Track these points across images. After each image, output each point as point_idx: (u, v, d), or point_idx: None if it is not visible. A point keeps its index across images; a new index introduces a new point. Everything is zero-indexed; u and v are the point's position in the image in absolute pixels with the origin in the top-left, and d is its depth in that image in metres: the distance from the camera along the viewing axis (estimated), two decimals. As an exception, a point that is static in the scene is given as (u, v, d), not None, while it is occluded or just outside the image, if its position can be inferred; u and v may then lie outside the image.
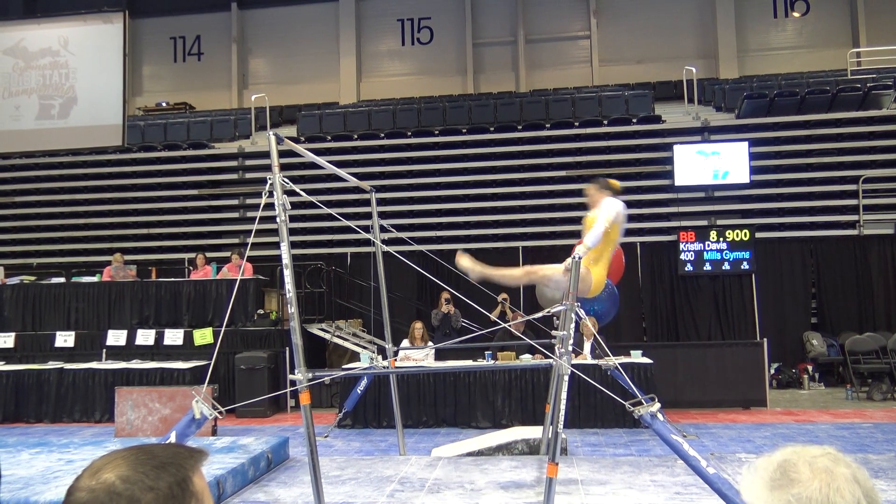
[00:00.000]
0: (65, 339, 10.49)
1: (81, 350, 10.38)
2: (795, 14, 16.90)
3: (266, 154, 4.82)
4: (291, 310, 4.18)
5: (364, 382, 7.70)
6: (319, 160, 5.41)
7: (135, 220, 13.78)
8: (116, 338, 10.38)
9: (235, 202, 13.78)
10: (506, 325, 7.07)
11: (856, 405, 9.55)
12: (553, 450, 4.05)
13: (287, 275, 4.18)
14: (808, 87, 13.23)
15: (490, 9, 17.92)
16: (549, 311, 4.90)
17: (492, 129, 13.47)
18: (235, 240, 13.30)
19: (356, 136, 13.80)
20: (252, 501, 4.94)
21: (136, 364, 9.85)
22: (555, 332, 5.36)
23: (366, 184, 6.68)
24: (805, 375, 10.98)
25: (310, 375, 4.15)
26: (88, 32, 12.79)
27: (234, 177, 13.93)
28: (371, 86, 18.10)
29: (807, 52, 16.63)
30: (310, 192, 4.85)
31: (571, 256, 4.35)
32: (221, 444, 5.93)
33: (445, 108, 14.41)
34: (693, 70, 13.88)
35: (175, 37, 18.98)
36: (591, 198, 4.99)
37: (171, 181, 13.86)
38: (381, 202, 8.49)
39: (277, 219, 4.12)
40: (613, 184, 5.01)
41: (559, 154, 12.88)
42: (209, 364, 5.16)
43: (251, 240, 5.29)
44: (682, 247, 11.81)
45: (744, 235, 11.69)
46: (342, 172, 5.91)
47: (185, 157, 14.15)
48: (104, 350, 10.28)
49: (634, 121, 13.13)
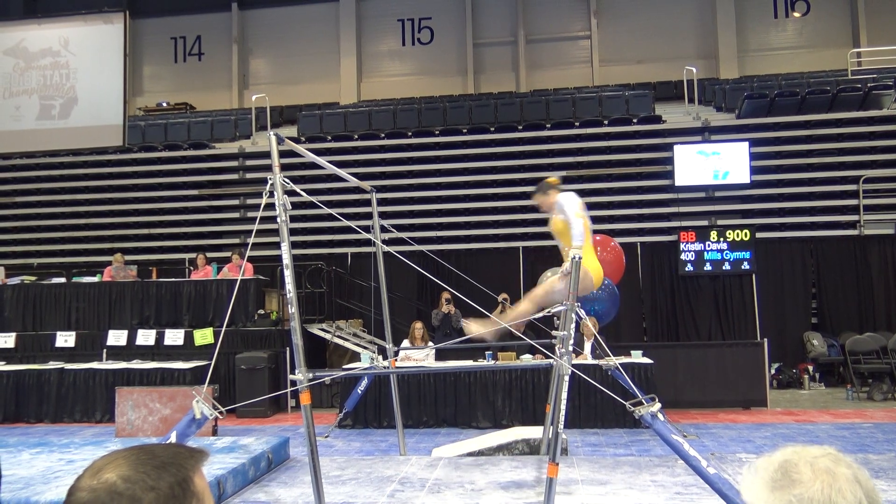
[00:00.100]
0: (65, 340, 10.49)
1: (82, 350, 10.39)
2: (796, 14, 16.90)
3: (266, 154, 4.84)
4: (292, 310, 4.17)
5: (364, 382, 7.70)
6: (320, 160, 5.41)
7: (135, 221, 13.78)
8: (117, 338, 10.39)
9: (236, 202, 13.79)
10: (506, 325, 7.06)
11: (856, 405, 9.55)
12: (553, 450, 4.05)
13: (287, 275, 4.17)
14: (809, 88, 13.23)
15: (490, 9, 17.92)
16: (550, 312, 4.91)
17: (492, 130, 13.47)
18: (236, 240, 13.30)
19: (356, 137, 13.80)
20: (253, 501, 4.94)
21: (137, 364, 9.86)
22: (555, 333, 5.37)
23: (366, 184, 6.68)
24: (805, 375, 10.98)
25: (310, 375, 4.15)
26: (89, 33, 12.80)
27: (235, 177, 13.93)
28: (371, 86, 18.10)
29: (807, 53, 16.62)
30: (310, 193, 4.85)
31: (570, 258, 4.38)
32: (222, 444, 5.93)
33: (446, 109, 14.41)
34: (693, 70, 13.88)
35: (175, 37, 18.98)
36: (544, 204, 5.09)
37: (172, 181, 13.86)
38: (382, 202, 8.50)
39: (278, 219, 4.11)
40: (553, 181, 5.13)
41: (559, 154, 12.88)
42: (210, 364, 5.15)
43: (252, 240, 5.29)
44: (683, 247, 11.81)
45: (744, 235, 11.70)
46: (342, 172, 5.91)
47: (186, 158, 14.15)
48: (105, 350, 10.29)
49: (635, 121, 13.13)
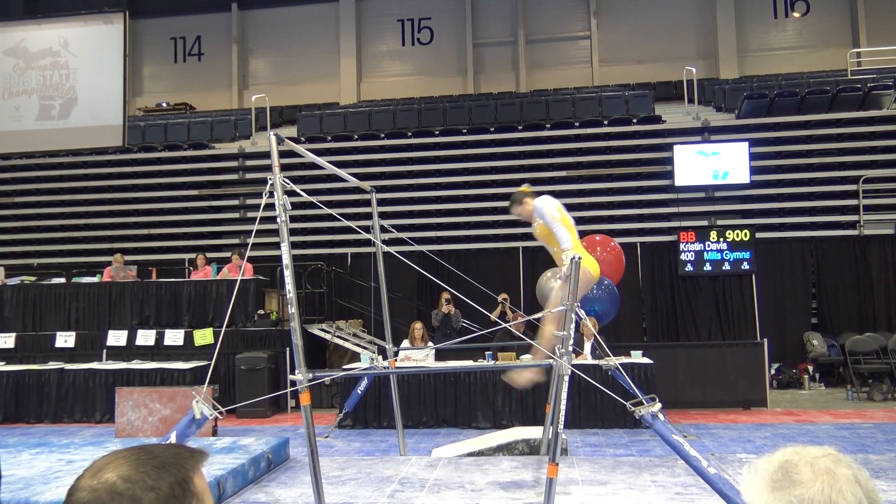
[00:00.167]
0: (65, 340, 10.49)
1: (82, 350, 10.39)
2: (796, 14, 16.90)
3: (266, 154, 4.83)
4: (292, 310, 4.17)
5: (364, 383, 7.70)
6: (320, 160, 5.40)
7: (135, 221, 13.78)
8: (117, 338, 10.38)
9: (236, 202, 13.79)
10: (506, 326, 7.07)
11: (856, 405, 9.55)
12: (553, 450, 4.05)
13: (287, 275, 4.17)
14: (809, 88, 13.23)
15: (490, 9, 17.92)
16: (550, 312, 4.91)
17: (492, 130, 13.47)
18: (236, 240, 13.30)
19: (356, 137, 13.80)
20: (252, 502, 4.93)
21: (137, 364, 9.86)
22: (555, 333, 5.36)
23: (366, 184, 6.67)
24: (805, 376, 10.98)
25: (310, 376, 4.15)
26: (89, 33, 12.80)
27: (235, 177, 13.93)
28: (371, 86, 18.10)
29: (807, 53, 16.62)
30: (310, 193, 4.84)
31: (570, 259, 4.38)
32: (222, 445, 5.92)
33: (446, 109, 14.41)
34: (693, 70, 13.88)
35: (175, 37, 18.98)
36: (522, 213, 5.19)
37: (172, 181, 13.86)
38: (382, 202, 8.49)
39: (278, 219, 4.11)
40: (524, 189, 5.25)
41: (559, 154, 12.88)
42: (209, 364, 5.15)
43: (251, 240, 5.29)
44: (683, 247, 11.81)
45: (744, 236, 11.70)
46: (342, 173, 5.91)
47: (186, 158, 14.15)
48: (104, 350, 10.28)
49: (635, 121, 13.13)
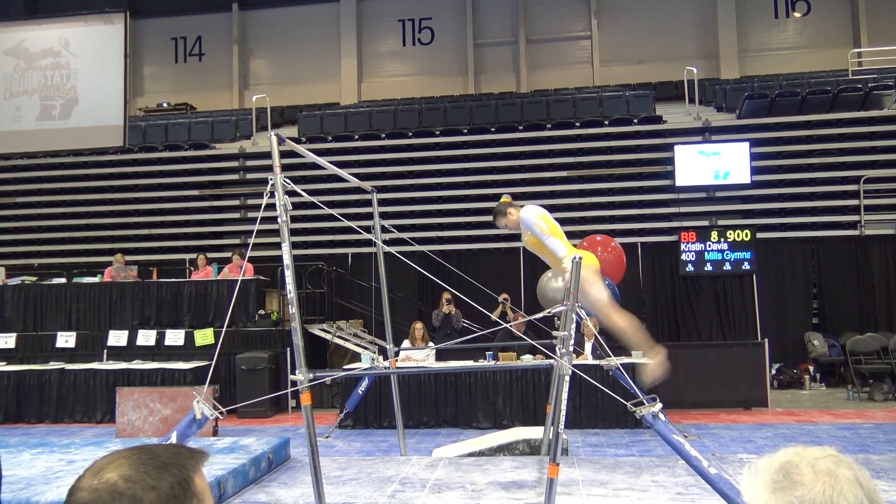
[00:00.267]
0: (66, 340, 10.49)
1: (82, 350, 10.39)
2: (796, 14, 16.89)
3: (267, 154, 4.84)
4: (292, 310, 4.17)
5: (365, 383, 7.70)
6: (320, 160, 5.40)
7: (136, 221, 13.78)
8: (117, 338, 10.39)
9: (236, 203, 13.79)
10: (507, 326, 7.07)
11: (857, 405, 9.55)
12: (554, 450, 4.04)
13: (288, 275, 4.17)
14: (810, 88, 13.22)
15: (491, 9, 17.92)
16: (550, 312, 4.91)
17: (493, 130, 13.46)
18: (236, 240, 13.30)
19: (357, 137, 13.80)
20: (253, 502, 4.93)
21: (138, 364, 9.86)
22: (556, 333, 5.36)
23: (367, 184, 6.67)
24: (806, 376, 10.97)
25: (311, 376, 4.14)
26: (90, 33, 12.81)
27: (236, 177, 13.93)
28: (372, 86, 18.10)
29: (808, 53, 16.61)
30: (311, 193, 4.84)
31: (572, 260, 4.36)
32: (222, 445, 5.92)
33: (446, 109, 14.41)
34: (694, 70, 13.87)
35: (176, 37, 18.98)
36: (509, 224, 5.28)
37: (173, 182, 13.86)
38: (382, 202, 8.49)
39: (278, 219, 4.11)
40: (506, 200, 5.36)
41: (560, 154, 12.87)
42: (210, 364, 5.15)
43: (252, 240, 5.30)
44: (684, 247, 11.81)
45: (745, 236, 11.69)
46: (343, 173, 5.90)
47: (186, 158, 14.15)
48: (105, 350, 10.29)
49: (635, 121, 13.13)
